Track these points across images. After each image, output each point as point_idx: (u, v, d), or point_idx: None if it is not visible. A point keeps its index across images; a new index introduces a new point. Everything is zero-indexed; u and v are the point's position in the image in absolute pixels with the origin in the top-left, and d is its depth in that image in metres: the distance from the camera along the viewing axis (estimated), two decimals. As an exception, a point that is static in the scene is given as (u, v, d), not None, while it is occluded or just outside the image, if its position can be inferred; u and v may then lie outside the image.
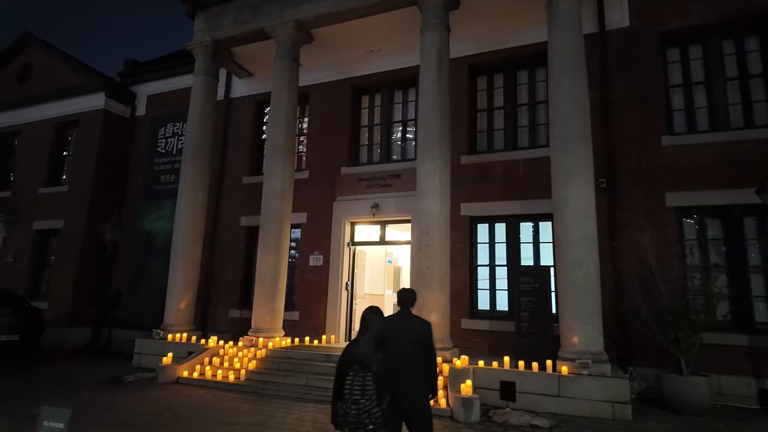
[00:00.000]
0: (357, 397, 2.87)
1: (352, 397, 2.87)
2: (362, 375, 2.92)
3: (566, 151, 7.04)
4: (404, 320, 3.75)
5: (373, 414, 2.87)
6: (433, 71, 8.18)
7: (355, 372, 2.93)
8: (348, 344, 3.30)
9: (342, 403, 2.93)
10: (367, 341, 3.14)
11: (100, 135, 13.33)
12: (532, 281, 7.33)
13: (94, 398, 6.61)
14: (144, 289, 12.17)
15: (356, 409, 2.85)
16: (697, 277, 7.26)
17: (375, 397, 2.89)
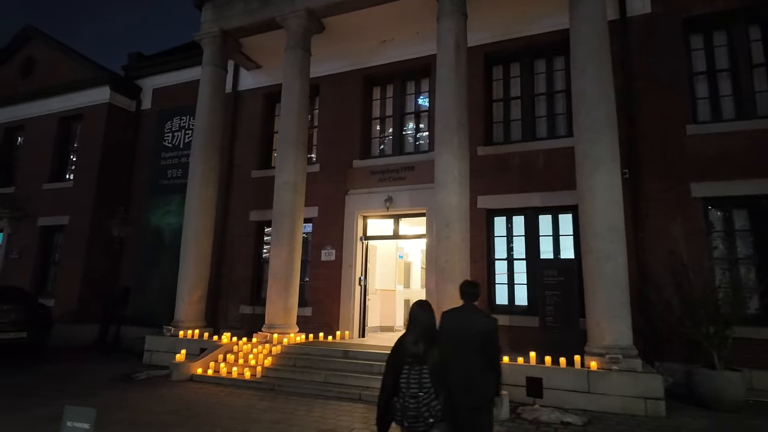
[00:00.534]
0: (415, 390, 2.90)
1: (410, 391, 2.91)
2: (418, 369, 2.95)
3: (592, 139, 6.82)
4: (468, 315, 3.50)
5: (432, 407, 2.88)
6: (451, 59, 7.95)
7: (410, 366, 2.97)
8: (398, 340, 3.22)
9: (399, 397, 2.94)
10: (417, 337, 3.08)
11: (105, 129, 13.11)
12: (557, 274, 7.13)
13: (108, 396, 6.42)
14: (152, 286, 11.96)
15: (415, 403, 2.87)
16: (727, 269, 7.05)
17: (433, 391, 2.91)
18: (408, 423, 2.89)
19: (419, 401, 2.88)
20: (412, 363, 2.97)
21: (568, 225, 8.68)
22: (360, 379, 6.81)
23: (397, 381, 2.98)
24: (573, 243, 8.55)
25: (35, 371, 8.16)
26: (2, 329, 8.89)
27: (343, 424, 5.28)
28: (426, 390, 2.89)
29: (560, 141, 8.80)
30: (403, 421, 2.92)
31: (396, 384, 2.98)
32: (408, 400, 2.89)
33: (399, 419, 2.93)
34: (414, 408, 2.87)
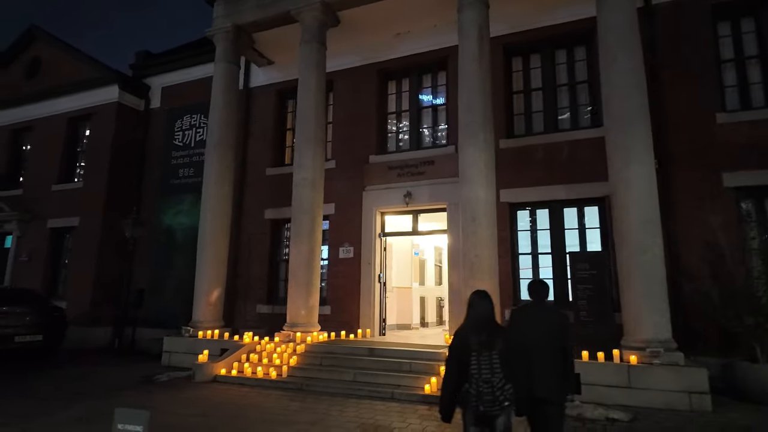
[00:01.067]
0: (487, 376, 2.99)
1: (482, 377, 3.00)
2: (487, 355, 3.04)
3: (624, 130, 6.66)
4: (541, 311, 3.61)
5: (506, 390, 2.99)
6: (474, 50, 7.79)
7: (478, 353, 3.05)
8: (457, 330, 3.31)
9: (472, 384, 3.01)
10: (478, 325, 3.19)
11: (114, 129, 12.93)
12: (589, 268, 6.97)
13: (132, 399, 6.24)
14: (165, 287, 11.80)
15: (489, 388, 2.97)
16: (762, 259, 6.86)
17: (503, 375, 3.01)
18: (484, 407, 2.97)
19: (493, 386, 2.98)
20: (480, 350, 3.06)
21: (595, 218, 8.52)
22: (390, 377, 6.64)
23: (463, 369, 3.07)
24: (600, 236, 8.41)
25: (53, 374, 7.99)
26: (18, 332, 8.71)
27: (381, 423, 5.11)
28: (498, 375, 3.00)
29: (585, 132, 8.64)
30: (479, 405, 2.98)
31: (463, 372, 3.07)
32: (482, 386, 2.99)
33: (474, 404, 2.99)
34: (489, 392, 2.97)
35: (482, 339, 3.09)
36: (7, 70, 15.25)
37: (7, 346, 8.57)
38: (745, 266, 6.36)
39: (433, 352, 7.14)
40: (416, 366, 6.79)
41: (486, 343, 3.07)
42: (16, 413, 5.48)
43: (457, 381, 3.12)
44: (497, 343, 3.08)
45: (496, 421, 3.01)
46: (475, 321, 3.23)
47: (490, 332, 3.14)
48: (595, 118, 8.77)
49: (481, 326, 3.17)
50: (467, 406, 3.06)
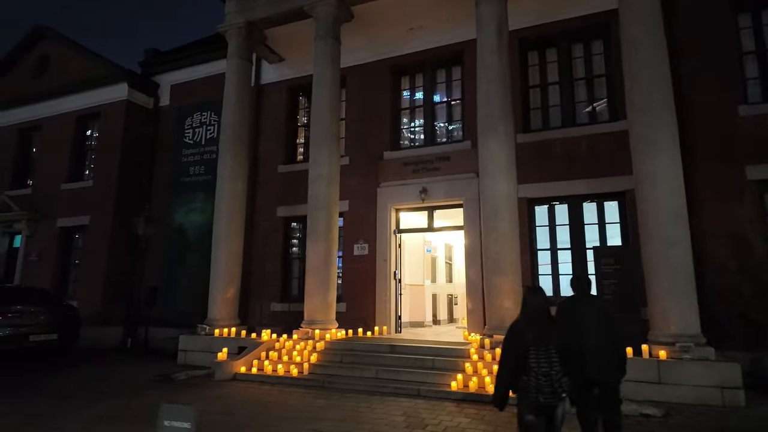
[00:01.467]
0: (546, 369, 3.10)
1: (541, 370, 3.10)
2: (545, 349, 3.13)
3: (649, 122, 6.57)
4: (589, 301, 4.02)
5: (564, 383, 3.11)
6: (493, 42, 7.71)
7: (536, 347, 3.13)
8: (511, 325, 3.41)
9: (530, 377, 3.11)
10: (532, 320, 3.25)
11: (124, 127, 12.85)
12: (614, 262, 6.88)
13: (155, 397, 6.15)
14: (178, 286, 11.72)
15: (548, 380, 3.08)
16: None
17: (560, 368, 3.12)
18: (544, 398, 3.09)
19: (552, 378, 3.08)
20: (537, 344, 3.13)
21: (615, 213, 8.44)
22: (414, 374, 6.57)
23: (519, 362, 3.16)
24: (620, 231, 8.34)
25: (70, 373, 7.91)
26: (33, 331, 8.63)
27: (411, 420, 5.03)
28: (556, 368, 3.10)
29: (603, 126, 8.58)
30: (539, 396, 3.09)
31: (519, 365, 3.17)
32: (541, 379, 3.08)
33: (534, 395, 3.09)
34: (548, 385, 3.07)
35: (539, 333, 3.18)
36: (13, 70, 15.19)
37: (22, 345, 8.50)
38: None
39: (455, 349, 7.07)
40: (440, 363, 6.71)
41: (543, 337, 3.16)
42: (39, 413, 5.41)
43: (511, 374, 3.22)
44: (553, 336, 3.17)
45: (555, 411, 3.15)
46: (530, 315, 3.30)
47: (547, 326, 3.23)
48: (613, 112, 8.69)
49: (537, 321, 3.25)
50: (525, 397, 3.15)
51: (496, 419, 5.08)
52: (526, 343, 3.16)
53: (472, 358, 6.55)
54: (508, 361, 3.25)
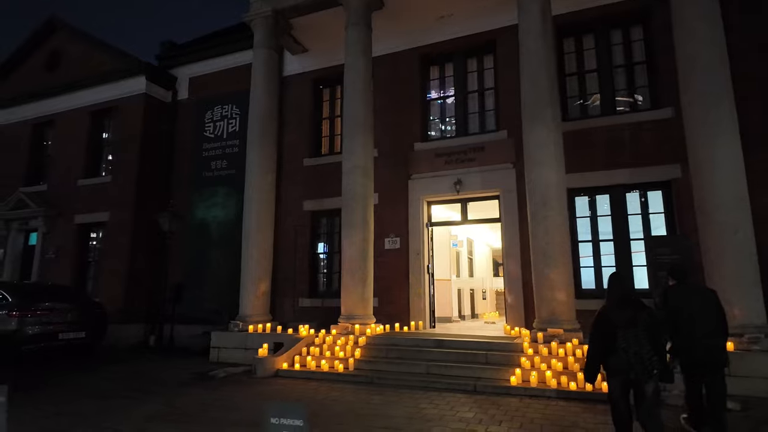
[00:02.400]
0: (636, 348, 3.42)
1: (631, 350, 3.43)
2: (633, 330, 3.46)
3: (709, 105, 6.35)
4: (695, 289, 4.32)
5: (654, 361, 3.42)
6: (538, 27, 7.47)
7: (625, 329, 3.46)
8: (599, 310, 3.74)
9: (620, 356, 3.45)
10: (619, 305, 3.61)
11: (142, 121, 12.59)
12: (669, 252, 6.65)
13: (200, 396, 5.95)
14: (201, 282, 11.48)
15: (638, 358, 3.40)
16: None
17: (650, 348, 3.43)
18: (635, 375, 3.42)
19: (642, 357, 3.39)
20: (626, 326, 3.47)
21: (658, 203, 8.23)
22: (467, 369, 6.36)
23: (608, 343, 3.51)
24: (664, 221, 8.13)
25: (103, 371, 7.69)
26: (62, 329, 8.41)
27: (482, 417, 4.82)
28: (645, 347, 3.41)
29: (645, 114, 8.34)
30: (630, 373, 3.44)
31: (608, 346, 3.51)
32: (632, 357, 3.41)
33: (625, 373, 3.45)
34: (639, 363, 3.39)
35: (626, 316, 3.51)
36: (25, 64, 14.92)
37: (52, 343, 8.27)
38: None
39: (507, 343, 6.87)
40: (493, 357, 6.50)
41: (631, 319, 3.49)
42: (86, 412, 5.19)
43: (601, 353, 3.60)
44: (642, 318, 3.50)
45: (645, 387, 3.46)
46: (618, 300, 3.67)
47: (634, 309, 3.56)
48: (654, 100, 8.47)
49: (625, 304, 3.60)
50: (616, 374, 3.53)
51: (567, 414, 4.88)
52: (614, 326, 3.49)
53: (527, 353, 6.34)
54: (597, 343, 3.63)
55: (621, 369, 3.47)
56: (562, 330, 6.51)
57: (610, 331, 3.52)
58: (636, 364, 3.40)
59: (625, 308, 3.55)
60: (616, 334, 3.47)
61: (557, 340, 6.42)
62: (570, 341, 6.38)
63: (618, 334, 3.46)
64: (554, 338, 6.47)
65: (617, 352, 3.46)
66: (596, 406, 5.18)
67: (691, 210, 7.60)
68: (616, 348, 3.46)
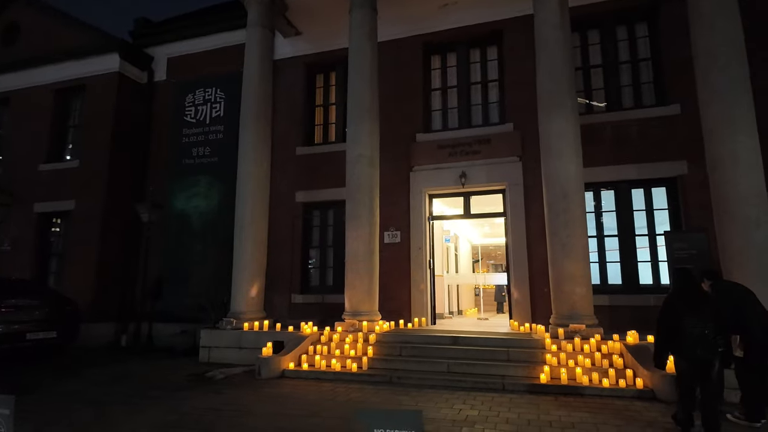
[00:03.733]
0: (700, 329, 3.91)
1: (695, 331, 3.91)
2: (697, 316, 3.94)
3: (728, 101, 6.35)
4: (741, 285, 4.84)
5: (719, 341, 3.93)
6: (556, 17, 7.36)
7: (690, 315, 3.96)
8: (665, 299, 4.25)
9: (686, 339, 3.92)
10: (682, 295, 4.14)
11: (116, 102, 11.59)
12: (688, 247, 6.65)
13: (206, 400, 5.38)
14: (180, 278, 10.66)
15: (702, 338, 3.89)
16: None
17: (714, 331, 3.90)
18: (702, 351, 3.89)
19: (707, 339, 3.88)
20: (692, 312, 3.97)
21: (662, 199, 8.29)
22: (490, 367, 6.10)
23: (674, 328, 4.01)
24: (668, 217, 8.20)
25: (87, 375, 6.90)
26: (30, 329, 7.50)
27: (530, 417, 4.56)
28: (710, 330, 3.89)
29: (651, 110, 8.38)
30: (697, 350, 3.90)
31: (674, 331, 4.00)
32: (697, 339, 3.89)
33: (692, 350, 3.90)
34: (703, 341, 3.88)
35: (690, 303, 4.03)
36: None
37: (18, 344, 7.37)
38: None
39: (527, 339, 6.67)
40: (515, 354, 6.27)
41: (695, 306, 4.00)
42: (85, 423, 4.53)
43: (668, 338, 4.07)
44: (704, 305, 4.02)
45: (711, 365, 3.92)
46: (681, 291, 4.20)
47: (698, 299, 4.09)
48: (661, 96, 8.53)
49: (688, 294, 4.13)
50: (684, 352, 3.96)
51: (615, 412, 4.70)
52: (680, 313, 3.99)
53: (550, 349, 6.15)
54: (665, 328, 4.09)
55: (689, 348, 3.91)
56: (584, 326, 6.38)
57: (676, 316, 4.00)
58: (700, 341, 3.87)
59: (688, 297, 4.10)
60: (683, 319, 3.95)
61: (579, 336, 6.28)
62: (592, 336, 6.25)
63: (684, 319, 3.94)
64: (576, 334, 6.32)
65: (684, 335, 3.92)
66: (634, 403, 5.05)
67: (696, 206, 7.76)
68: (683, 331, 3.93)
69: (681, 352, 4.00)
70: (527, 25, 9.08)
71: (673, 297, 4.18)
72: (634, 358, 5.64)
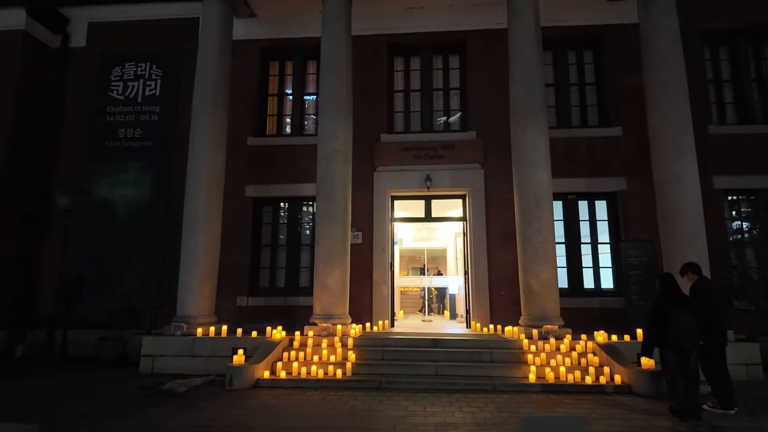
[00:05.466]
0: (686, 325, 4.56)
1: (683, 326, 4.55)
2: (681, 312, 4.60)
3: (677, 127, 7.26)
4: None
5: (699, 335, 4.63)
6: (531, 32, 7.76)
7: (677, 312, 4.59)
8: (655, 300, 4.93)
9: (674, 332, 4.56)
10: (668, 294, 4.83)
11: (20, 66, 9.71)
12: (639, 255, 7.41)
13: (180, 418, 4.67)
14: (101, 276, 9.25)
15: (688, 334, 4.55)
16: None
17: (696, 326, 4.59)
18: (688, 344, 4.56)
19: (691, 331, 4.56)
20: (677, 310, 4.60)
21: (603, 211, 9.16)
22: (477, 368, 6.19)
23: (663, 322, 4.62)
24: (608, 228, 9.08)
25: (8, 392, 5.61)
26: None
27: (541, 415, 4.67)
28: (693, 323, 4.58)
29: (599, 130, 9.23)
30: (684, 343, 4.56)
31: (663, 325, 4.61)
32: (683, 331, 4.53)
33: (679, 343, 4.56)
34: (689, 336, 4.55)
35: (676, 301, 4.71)
36: None
37: None
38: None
39: (504, 340, 6.89)
40: (498, 355, 6.43)
41: (679, 303, 4.68)
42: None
43: (656, 332, 4.70)
44: (686, 303, 4.71)
45: (691, 356, 4.58)
46: (666, 291, 4.86)
47: (680, 297, 4.79)
48: (604, 119, 9.44)
49: (673, 294, 4.81)
50: (671, 344, 4.59)
51: (611, 405, 5.03)
52: (665, 310, 4.60)
53: (530, 350, 6.40)
54: (654, 323, 4.71)
55: (675, 340, 4.55)
56: (557, 326, 6.76)
57: (663, 314, 4.62)
58: (686, 336, 4.52)
59: (674, 296, 4.76)
60: (671, 315, 4.56)
61: (553, 336, 6.64)
62: (564, 337, 6.65)
63: (672, 316, 4.55)
64: (550, 334, 6.68)
65: (672, 328, 4.53)
66: (618, 397, 5.45)
67: (634, 218, 8.72)
68: (671, 326, 4.54)
69: (669, 344, 4.59)
70: (490, 37, 9.55)
71: (661, 297, 4.80)
72: (609, 356, 6.11)
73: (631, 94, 8.96)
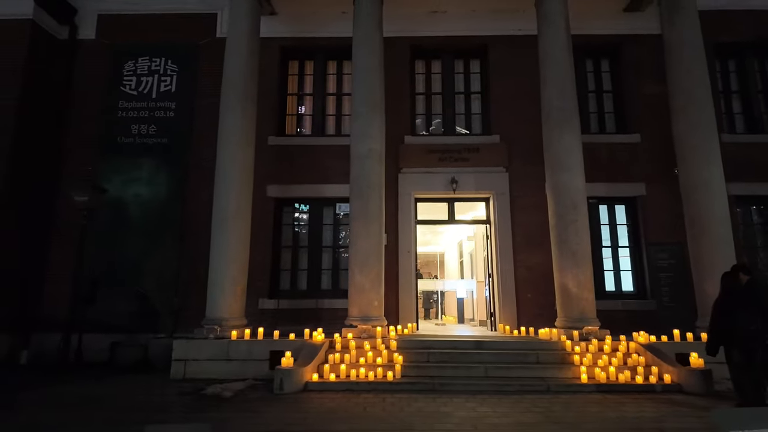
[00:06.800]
0: (745, 324, 4.68)
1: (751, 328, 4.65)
2: (744, 311, 4.70)
3: (704, 135, 7.51)
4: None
5: (763, 334, 4.63)
6: (563, 38, 7.97)
7: (740, 311, 4.73)
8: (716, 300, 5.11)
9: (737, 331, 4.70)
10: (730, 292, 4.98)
11: (26, 57, 9.24)
12: (668, 257, 7.61)
13: (246, 424, 4.48)
14: (114, 278, 8.84)
15: (754, 332, 4.63)
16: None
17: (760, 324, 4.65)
18: (753, 342, 4.62)
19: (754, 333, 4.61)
20: (739, 309, 4.75)
21: (622, 215, 9.38)
22: (526, 369, 6.21)
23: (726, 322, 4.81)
24: (626, 232, 9.29)
25: (23, 402, 5.26)
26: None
27: (610, 415, 4.70)
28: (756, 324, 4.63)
29: (618, 137, 9.46)
30: (748, 343, 4.64)
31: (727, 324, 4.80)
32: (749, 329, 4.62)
33: (743, 342, 4.67)
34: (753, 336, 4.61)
35: (738, 300, 4.79)
36: None
37: None
38: None
39: (546, 341, 6.95)
40: (544, 357, 6.46)
41: (742, 302, 4.77)
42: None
43: (720, 331, 4.87)
44: (748, 302, 4.74)
45: (756, 354, 4.62)
46: (728, 290, 5.01)
47: (744, 296, 4.84)
48: (621, 125, 9.68)
49: (736, 292, 4.90)
50: (737, 343, 4.71)
51: (670, 404, 5.11)
52: (730, 308, 4.77)
53: (574, 351, 6.45)
54: (718, 322, 4.89)
55: (739, 339, 4.68)
56: (597, 328, 6.85)
57: (725, 313, 4.82)
58: (750, 336, 4.61)
59: (735, 295, 4.88)
60: (736, 314, 4.72)
61: (594, 338, 6.72)
62: (604, 338, 6.74)
63: (737, 314, 4.71)
64: (591, 335, 6.76)
65: (737, 328, 4.68)
66: (672, 397, 5.55)
67: (652, 223, 8.96)
68: (735, 324, 4.69)
69: (734, 343, 4.76)
70: (512, 43, 9.69)
71: (722, 296, 4.98)
72: (654, 356, 6.22)
73: (649, 102, 9.27)
